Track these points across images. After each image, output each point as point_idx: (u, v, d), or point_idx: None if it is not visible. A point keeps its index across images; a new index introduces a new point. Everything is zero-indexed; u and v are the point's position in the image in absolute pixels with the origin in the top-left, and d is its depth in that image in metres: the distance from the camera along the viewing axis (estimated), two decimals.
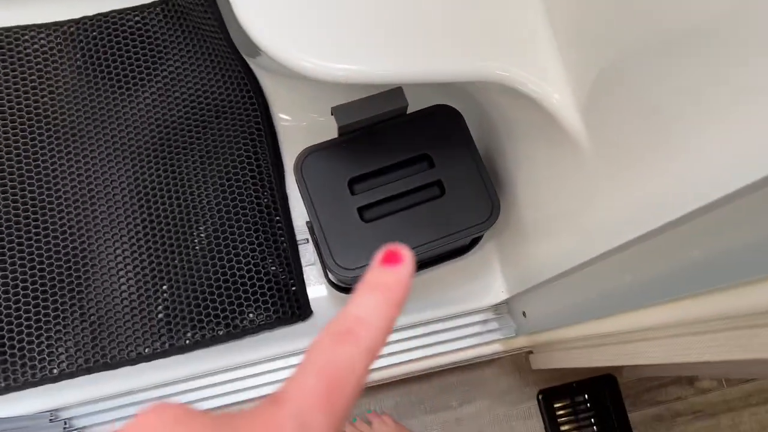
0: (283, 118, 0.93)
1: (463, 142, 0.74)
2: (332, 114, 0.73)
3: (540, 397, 0.95)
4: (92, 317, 0.84)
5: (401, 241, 0.71)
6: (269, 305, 0.85)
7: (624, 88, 0.46)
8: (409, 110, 0.74)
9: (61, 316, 0.83)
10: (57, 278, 0.84)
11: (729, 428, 0.96)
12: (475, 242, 0.85)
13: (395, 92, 0.74)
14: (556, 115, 0.56)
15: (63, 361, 0.82)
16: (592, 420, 0.95)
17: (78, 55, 0.93)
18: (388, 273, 0.22)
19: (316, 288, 0.88)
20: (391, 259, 0.22)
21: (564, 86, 0.55)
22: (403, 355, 0.83)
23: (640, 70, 0.44)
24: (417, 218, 0.72)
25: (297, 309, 0.86)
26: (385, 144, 0.74)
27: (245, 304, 0.85)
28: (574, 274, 0.61)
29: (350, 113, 0.73)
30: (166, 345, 0.84)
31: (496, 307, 0.86)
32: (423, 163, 0.75)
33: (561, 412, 0.95)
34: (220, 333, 0.84)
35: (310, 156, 0.73)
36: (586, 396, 0.96)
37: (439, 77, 0.58)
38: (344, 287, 0.84)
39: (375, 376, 0.84)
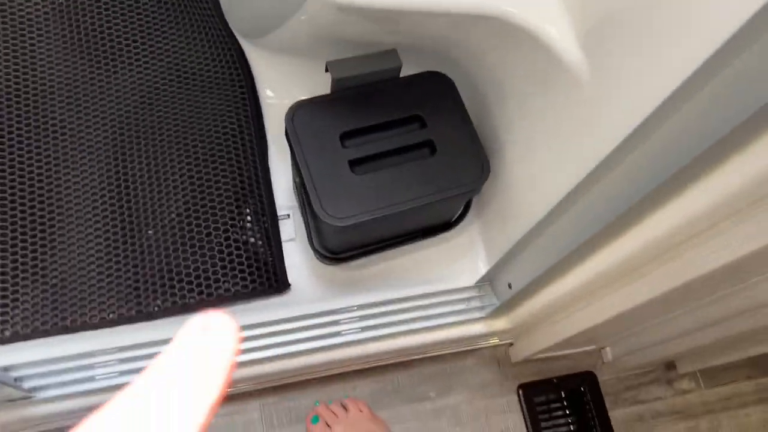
0: (268, 95, 0.93)
1: (454, 105, 0.75)
2: (327, 69, 0.74)
3: (520, 391, 0.92)
4: (54, 279, 0.79)
5: (391, 194, 0.71)
6: (246, 275, 0.81)
7: (625, 8, 0.48)
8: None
9: (20, 276, 0.78)
10: (20, 238, 0.80)
11: (708, 431, 0.94)
12: (460, 218, 0.85)
13: (390, 53, 0.76)
14: (555, 49, 0.58)
15: (17, 323, 0.76)
16: (573, 416, 0.92)
17: (65, 25, 0.93)
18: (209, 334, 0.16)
19: (295, 264, 0.85)
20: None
21: (561, 19, 0.57)
22: (383, 329, 0.80)
23: None
24: (408, 175, 0.72)
25: (275, 281, 0.83)
26: (378, 103, 0.75)
27: (221, 272, 0.81)
28: (558, 216, 0.62)
29: (346, 68, 0.73)
30: (133, 311, 0.79)
31: (480, 287, 0.84)
32: (415, 123, 0.75)
33: (541, 407, 0.92)
34: (192, 301, 0.80)
35: (301, 108, 0.73)
36: (567, 392, 0.93)
37: (442, 8, 0.60)
38: (330, 256, 0.82)
39: (352, 352, 0.80)
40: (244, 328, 0.79)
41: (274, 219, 0.86)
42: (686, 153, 0.43)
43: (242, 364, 0.79)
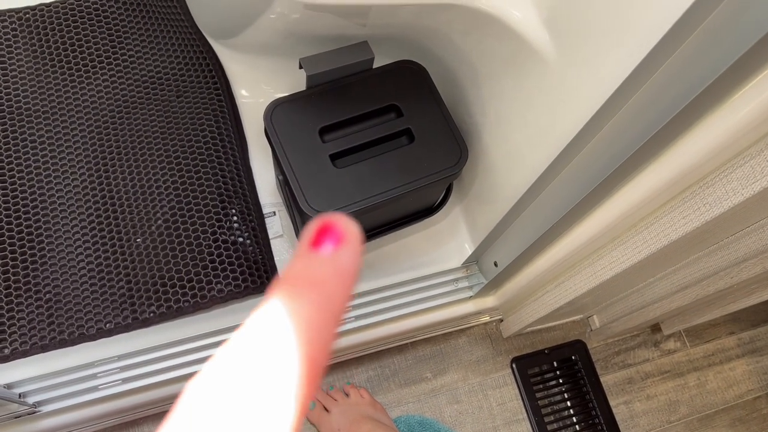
0: (243, 95, 0.93)
1: (428, 93, 0.77)
2: (300, 66, 0.75)
3: (514, 365, 0.94)
4: (47, 295, 0.79)
5: (374, 185, 0.72)
6: (237, 274, 0.83)
7: None
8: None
9: (14, 294, 0.79)
10: (9, 257, 0.80)
11: (696, 387, 0.98)
12: (443, 202, 0.87)
13: (361, 45, 0.77)
14: (520, 31, 0.59)
15: (15, 340, 0.77)
16: (566, 384, 0.95)
17: (35, 40, 0.92)
18: (322, 262, 0.14)
19: (285, 260, 0.87)
20: (328, 236, 0.14)
21: (524, 1, 0.59)
22: (377, 316, 0.82)
23: None
24: (389, 164, 0.73)
25: (266, 278, 0.84)
26: (354, 95, 0.76)
27: (212, 274, 0.82)
28: (537, 193, 0.64)
29: (319, 63, 0.75)
30: (129, 319, 0.80)
31: (467, 267, 0.87)
32: (391, 113, 0.77)
33: (535, 378, 0.94)
34: (187, 304, 0.81)
35: (279, 107, 0.74)
36: (559, 362, 0.96)
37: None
38: None
39: (347, 341, 0.82)
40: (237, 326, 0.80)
41: (260, 217, 0.88)
42: (653, 125, 0.45)
43: None
